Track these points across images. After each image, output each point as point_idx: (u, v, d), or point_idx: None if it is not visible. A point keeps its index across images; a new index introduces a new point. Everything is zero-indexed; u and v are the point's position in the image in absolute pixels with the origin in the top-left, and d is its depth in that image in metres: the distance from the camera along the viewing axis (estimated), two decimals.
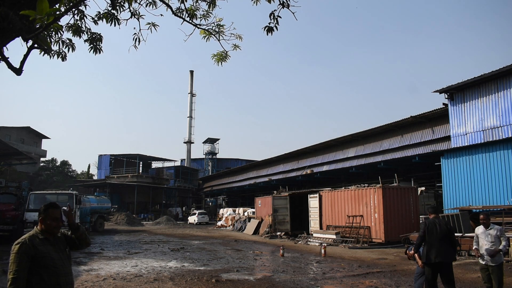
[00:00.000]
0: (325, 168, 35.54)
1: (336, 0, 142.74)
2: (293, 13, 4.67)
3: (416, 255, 6.64)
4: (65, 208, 3.41)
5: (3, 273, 10.05)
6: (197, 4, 5.28)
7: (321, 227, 21.20)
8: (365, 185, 20.64)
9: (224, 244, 19.38)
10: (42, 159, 56.05)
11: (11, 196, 18.86)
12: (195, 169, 69.42)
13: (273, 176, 43.87)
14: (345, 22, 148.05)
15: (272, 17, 4.64)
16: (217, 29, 5.23)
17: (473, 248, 6.88)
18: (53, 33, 4.71)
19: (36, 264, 3.09)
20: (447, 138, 23.27)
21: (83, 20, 5.04)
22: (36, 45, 3.27)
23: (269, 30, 4.71)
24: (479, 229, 6.69)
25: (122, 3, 5.03)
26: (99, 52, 5.17)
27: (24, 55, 3.10)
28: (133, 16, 5.15)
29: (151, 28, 5.21)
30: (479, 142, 18.82)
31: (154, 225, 38.32)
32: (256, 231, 25.98)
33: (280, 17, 4.65)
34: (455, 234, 13.89)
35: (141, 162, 57.64)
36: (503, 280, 6.35)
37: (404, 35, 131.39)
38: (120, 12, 5.08)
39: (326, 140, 35.62)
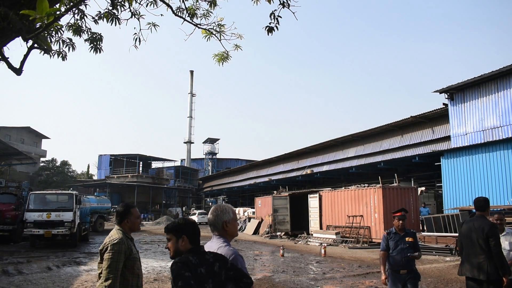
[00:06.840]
0: (325, 168, 35.53)
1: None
2: (293, 13, 4.67)
3: None
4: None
5: (3, 273, 10.05)
6: (198, 3, 5.27)
7: (321, 227, 21.19)
8: (365, 185, 20.63)
9: None
10: (42, 159, 55.96)
11: (11, 196, 18.84)
12: (195, 169, 69.38)
13: (273, 176, 43.84)
14: (344, 22, 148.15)
15: (272, 17, 4.64)
16: (218, 29, 5.21)
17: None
18: (53, 32, 4.69)
19: (124, 265, 3.03)
20: (447, 138, 23.26)
21: (83, 20, 5.02)
22: (36, 45, 3.26)
23: (270, 30, 4.71)
24: None
25: (122, 3, 5.01)
26: (100, 52, 5.15)
27: (24, 55, 3.08)
28: (133, 16, 5.14)
29: (151, 28, 5.20)
30: (479, 142, 18.82)
31: (154, 225, 38.34)
32: (256, 231, 25.96)
33: (280, 17, 4.64)
34: (455, 234, 13.96)
35: (141, 162, 57.59)
36: None
37: (404, 35, 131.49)
38: (121, 12, 5.06)
39: (326, 140, 35.62)
